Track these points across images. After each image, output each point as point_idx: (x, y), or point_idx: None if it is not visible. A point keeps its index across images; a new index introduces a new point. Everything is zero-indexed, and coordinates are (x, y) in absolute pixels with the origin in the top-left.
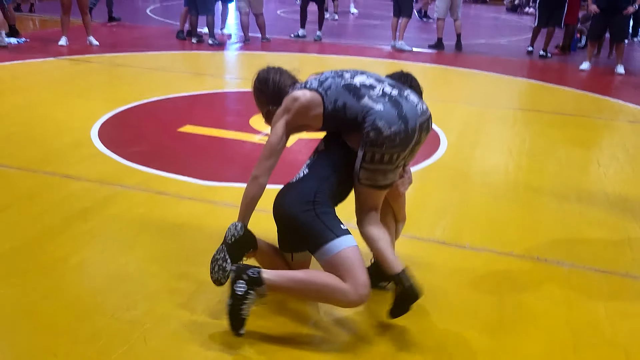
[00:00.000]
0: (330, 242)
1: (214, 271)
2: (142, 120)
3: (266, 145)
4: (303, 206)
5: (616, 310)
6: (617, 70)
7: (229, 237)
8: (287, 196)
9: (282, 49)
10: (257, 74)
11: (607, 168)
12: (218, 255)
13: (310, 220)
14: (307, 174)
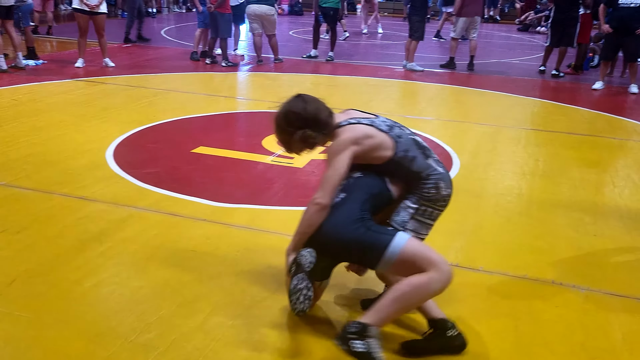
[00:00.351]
0: (391, 244)
1: (299, 302)
2: (156, 142)
3: (333, 175)
4: (353, 225)
5: (634, 335)
6: (630, 90)
7: (307, 265)
8: (332, 220)
9: (294, 70)
10: (291, 99)
11: (623, 189)
12: (300, 284)
13: (363, 234)
14: (344, 197)
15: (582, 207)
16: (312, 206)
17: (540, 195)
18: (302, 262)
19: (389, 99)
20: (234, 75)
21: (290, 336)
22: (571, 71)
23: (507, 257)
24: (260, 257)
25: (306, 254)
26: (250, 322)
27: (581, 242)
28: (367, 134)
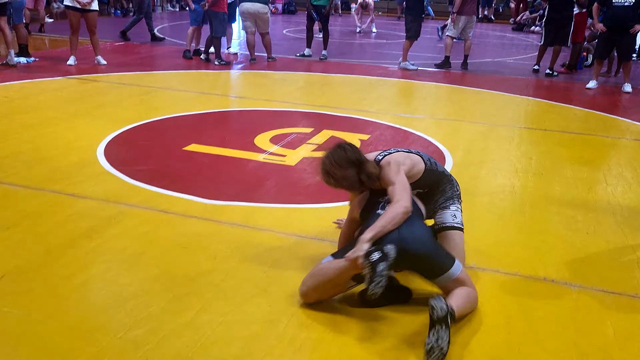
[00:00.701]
0: (454, 264)
1: (378, 285)
2: (148, 139)
3: (403, 187)
4: (431, 240)
5: (625, 332)
6: (624, 89)
7: (392, 257)
8: (417, 231)
9: (288, 68)
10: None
11: (615, 187)
12: (385, 270)
13: (437, 250)
14: (413, 211)
15: (574, 204)
16: (399, 208)
17: (533, 193)
18: (389, 254)
19: (382, 98)
20: (227, 74)
21: (282, 332)
22: (565, 70)
23: (499, 254)
24: (252, 255)
25: (391, 249)
26: (241, 319)
27: (574, 239)
28: (405, 156)
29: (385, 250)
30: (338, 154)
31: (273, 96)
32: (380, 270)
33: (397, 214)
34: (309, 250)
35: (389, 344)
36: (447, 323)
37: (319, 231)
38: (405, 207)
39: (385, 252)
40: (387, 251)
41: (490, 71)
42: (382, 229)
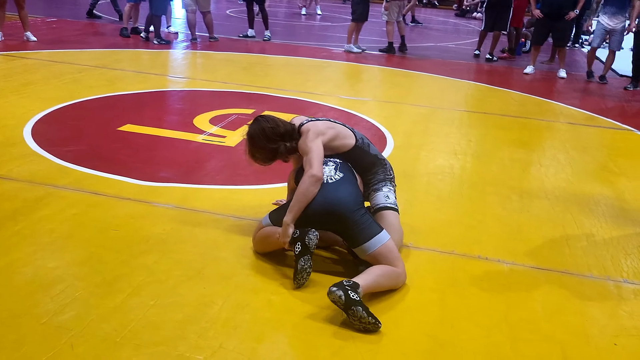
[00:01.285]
0: (379, 234)
1: (302, 279)
2: (79, 119)
3: (315, 155)
4: (358, 205)
5: (553, 306)
6: (559, 75)
7: (312, 247)
8: (342, 195)
9: (230, 49)
10: (256, 123)
11: (548, 168)
12: (306, 265)
13: (363, 216)
14: (342, 177)
15: (510, 185)
16: (308, 179)
17: (471, 174)
18: (310, 245)
19: (326, 80)
20: (166, 53)
21: (216, 315)
22: (506, 55)
23: (436, 233)
24: (187, 237)
25: (313, 238)
26: (174, 301)
27: (508, 219)
28: (328, 126)
29: (306, 242)
30: (264, 125)
31: (214, 77)
32: (301, 266)
33: (308, 187)
34: (246, 232)
35: (324, 327)
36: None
37: (257, 212)
38: (313, 176)
39: (305, 245)
40: (308, 242)
41: (433, 55)
42: (300, 207)
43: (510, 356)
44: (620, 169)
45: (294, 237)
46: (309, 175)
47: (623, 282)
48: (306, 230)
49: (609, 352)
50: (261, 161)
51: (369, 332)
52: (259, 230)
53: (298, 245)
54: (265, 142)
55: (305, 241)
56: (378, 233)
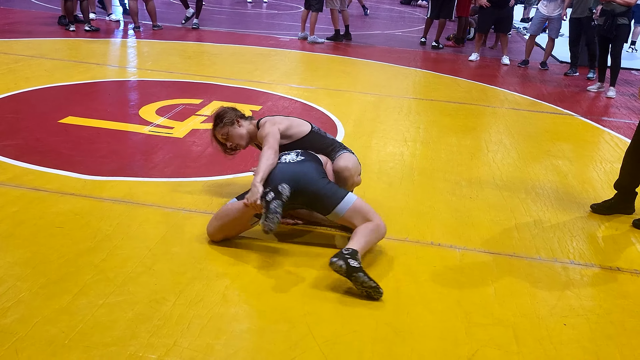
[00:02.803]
0: (346, 196)
1: (273, 222)
2: (16, 112)
3: (272, 137)
4: (320, 176)
5: (504, 289)
6: (502, 61)
7: (285, 196)
8: (306, 170)
9: (175, 38)
10: (220, 110)
11: (495, 153)
12: (278, 208)
13: (327, 184)
14: (304, 158)
15: (459, 171)
16: (265, 150)
17: (421, 161)
18: (282, 192)
19: (274, 69)
20: (109, 43)
21: (169, 312)
22: (452, 44)
23: (388, 221)
24: (135, 232)
25: (286, 187)
26: (124, 299)
27: (458, 204)
28: (283, 117)
29: (279, 189)
30: (227, 109)
31: (159, 66)
32: (273, 207)
33: (269, 156)
34: (197, 225)
35: (280, 321)
36: (356, 272)
37: (209, 204)
38: (270, 147)
39: (279, 191)
40: (281, 190)
41: (380, 43)
42: (264, 170)
43: (465, 341)
44: (563, 153)
45: (264, 191)
46: (265, 148)
47: (570, 263)
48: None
49: (558, 332)
50: (234, 138)
51: (371, 297)
52: (218, 212)
53: (270, 194)
54: (235, 117)
55: (279, 189)
56: (344, 196)
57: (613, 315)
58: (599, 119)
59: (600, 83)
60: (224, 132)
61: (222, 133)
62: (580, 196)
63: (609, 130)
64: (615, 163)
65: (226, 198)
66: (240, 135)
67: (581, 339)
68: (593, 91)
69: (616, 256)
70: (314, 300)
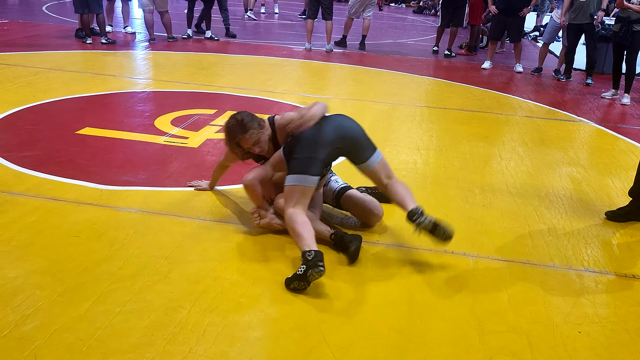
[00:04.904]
0: (376, 150)
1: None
2: (35, 123)
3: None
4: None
5: (518, 296)
6: (516, 69)
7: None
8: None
9: (189, 49)
10: (236, 116)
11: (509, 161)
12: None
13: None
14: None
15: (472, 179)
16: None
17: (434, 169)
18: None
19: (287, 79)
20: (123, 54)
21: (184, 319)
22: (465, 52)
23: (402, 229)
24: (151, 241)
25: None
26: (140, 307)
27: (471, 212)
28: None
29: (308, 275)
30: (243, 114)
31: (174, 77)
32: (294, 287)
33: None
34: (212, 233)
35: (295, 328)
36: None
37: (223, 213)
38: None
39: (307, 276)
40: (310, 277)
41: (392, 52)
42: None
43: (477, 348)
44: (577, 160)
45: (307, 258)
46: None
47: (584, 270)
48: (318, 263)
49: (573, 339)
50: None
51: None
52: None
53: (302, 268)
54: (257, 126)
55: (308, 273)
56: (376, 149)
57: (628, 322)
58: (614, 126)
59: (614, 90)
60: (255, 139)
61: (253, 140)
62: (595, 203)
63: (623, 138)
64: (630, 170)
65: (241, 206)
66: (267, 139)
67: (596, 347)
68: (607, 98)
69: (631, 263)
70: (327, 307)
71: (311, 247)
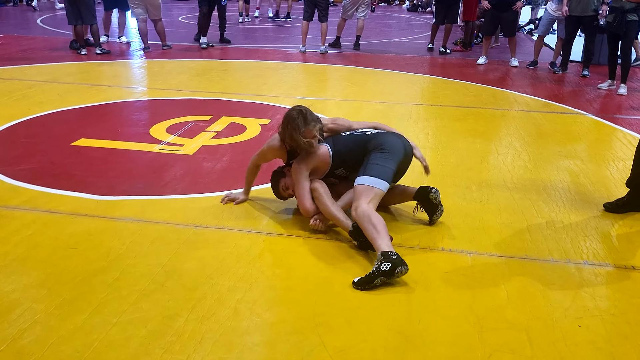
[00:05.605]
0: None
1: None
2: (31, 136)
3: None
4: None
5: (517, 292)
6: (511, 63)
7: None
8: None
9: (184, 56)
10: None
11: (505, 156)
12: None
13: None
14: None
15: (468, 175)
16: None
17: (431, 167)
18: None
19: (282, 82)
20: (118, 64)
21: (181, 328)
22: (460, 48)
23: (399, 228)
24: (148, 249)
25: (403, 272)
26: (137, 317)
27: (468, 209)
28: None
29: (396, 272)
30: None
31: (169, 85)
32: (376, 284)
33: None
34: (208, 240)
35: (293, 332)
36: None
37: (220, 219)
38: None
39: (394, 272)
40: (397, 273)
41: (387, 51)
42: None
43: (477, 346)
44: (574, 153)
45: (389, 256)
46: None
47: (583, 263)
48: (402, 261)
49: (573, 334)
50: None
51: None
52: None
53: (387, 265)
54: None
55: (395, 270)
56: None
57: (629, 314)
58: (611, 117)
59: (610, 80)
60: (317, 128)
61: (317, 129)
62: (593, 195)
63: (621, 128)
64: (628, 161)
65: (238, 212)
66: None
67: (596, 340)
68: (604, 89)
69: (631, 254)
70: (324, 311)
71: (391, 247)
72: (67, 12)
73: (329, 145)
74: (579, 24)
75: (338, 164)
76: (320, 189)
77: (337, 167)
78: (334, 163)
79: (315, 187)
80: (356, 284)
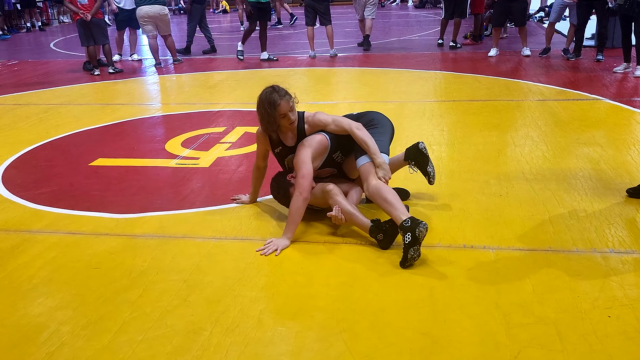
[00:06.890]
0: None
1: (410, 266)
2: (49, 160)
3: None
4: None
5: (543, 286)
6: (523, 53)
7: (421, 238)
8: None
9: (194, 69)
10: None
11: (523, 147)
12: (415, 254)
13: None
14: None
15: (486, 169)
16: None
17: (448, 163)
18: (419, 237)
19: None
20: (132, 82)
21: (206, 341)
22: (470, 42)
23: None
24: (169, 265)
25: (423, 230)
26: (163, 333)
27: (488, 204)
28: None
29: (417, 233)
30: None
31: (182, 99)
32: (411, 255)
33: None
34: (228, 252)
35: (317, 341)
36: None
37: (238, 230)
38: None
39: (416, 236)
40: (419, 234)
41: (397, 49)
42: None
43: (505, 344)
44: (593, 139)
45: (405, 226)
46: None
47: (610, 252)
48: (418, 221)
49: (604, 325)
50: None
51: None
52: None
53: (408, 235)
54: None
55: (416, 233)
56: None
57: None
58: (629, 100)
59: (626, 63)
60: (291, 104)
61: (290, 105)
62: (615, 182)
63: (639, 111)
64: None
65: (256, 222)
66: (296, 114)
67: (628, 330)
68: (619, 72)
69: None
70: (348, 316)
71: (406, 214)
72: (80, 34)
73: (323, 132)
74: (590, 8)
75: (335, 148)
76: (335, 189)
77: (335, 150)
78: (332, 146)
79: (330, 188)
80: (401, 266)
